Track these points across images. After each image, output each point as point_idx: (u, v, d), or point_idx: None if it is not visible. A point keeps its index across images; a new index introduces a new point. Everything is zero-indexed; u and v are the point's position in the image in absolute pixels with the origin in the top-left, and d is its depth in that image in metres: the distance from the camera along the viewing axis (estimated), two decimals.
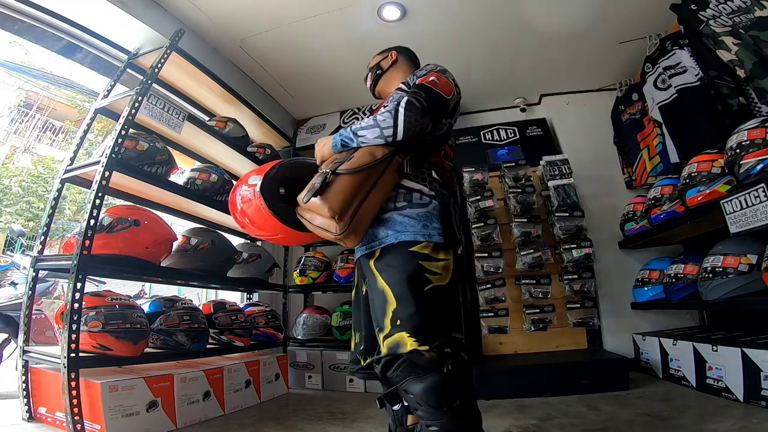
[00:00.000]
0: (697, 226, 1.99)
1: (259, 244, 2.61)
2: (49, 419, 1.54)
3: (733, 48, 1.74)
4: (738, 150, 1.57)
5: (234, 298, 2.75)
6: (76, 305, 1.40)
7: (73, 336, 1.37)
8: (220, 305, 2.17)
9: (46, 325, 2.95)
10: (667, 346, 2.14)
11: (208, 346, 1.97)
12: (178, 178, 2.05)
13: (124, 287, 3.61)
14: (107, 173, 1.56)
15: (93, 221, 1.49)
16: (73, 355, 1.36)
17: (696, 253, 1.99)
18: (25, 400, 1.60)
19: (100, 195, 1.53)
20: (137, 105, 1.71)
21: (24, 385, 1.60)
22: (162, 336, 1.75)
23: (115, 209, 1.72)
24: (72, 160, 1.84)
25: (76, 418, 1.33)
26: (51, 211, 1.78)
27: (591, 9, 2.20)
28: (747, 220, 1.50)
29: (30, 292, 1.69)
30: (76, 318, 1.39)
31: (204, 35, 2.37)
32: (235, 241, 2.42)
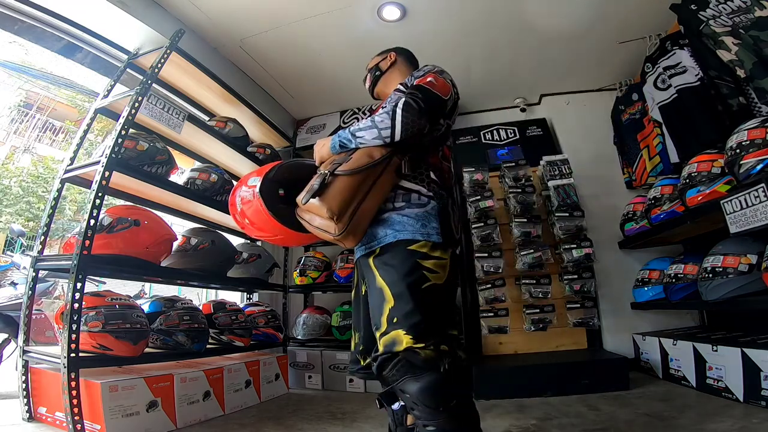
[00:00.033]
0: (697, 226, 1.99)
1: (259, 244, 2.61)
2: (49, 419, 1.54)
3: (733, 48, 1.73)
4: (738, 150, 1.57)
5: (234, 298, 2.75)
6: (76, 305, 1.40)
7: (73, 336, 1.37)
8: (220, 305, 2.17)
9: (46, 325, 2.95)
10: (667, 346, 2.14)
11: (208, 346, 1.97)
12: (178, 178, 2.05)
13: (124, 287, 3.62)
14: (107, 173, 1.56)
15: (93, 221, 1.49)
16: (73, 355, 1.36)
17: (696, 253, 1.99)
18: (25, 400, 1.60)
19: (100, 195, 1.53)
20: (137, 105, 1.71)
21: (24, 385, 1.60)
22: (162, 336, 1.76)
23: (115, 209, 1.73)
24: (72, 160, 1.84)
25: (76, 418, 1.33)
26: (51, 211, 1.78)
27: (591, 9, 2.20)
28: (747, 220, 1.50)
29: (30, 292, 1.69)
30: (76, 318, 1.39)
31: (204, 35, 2.37)
32: (235, 241, 2.42)
